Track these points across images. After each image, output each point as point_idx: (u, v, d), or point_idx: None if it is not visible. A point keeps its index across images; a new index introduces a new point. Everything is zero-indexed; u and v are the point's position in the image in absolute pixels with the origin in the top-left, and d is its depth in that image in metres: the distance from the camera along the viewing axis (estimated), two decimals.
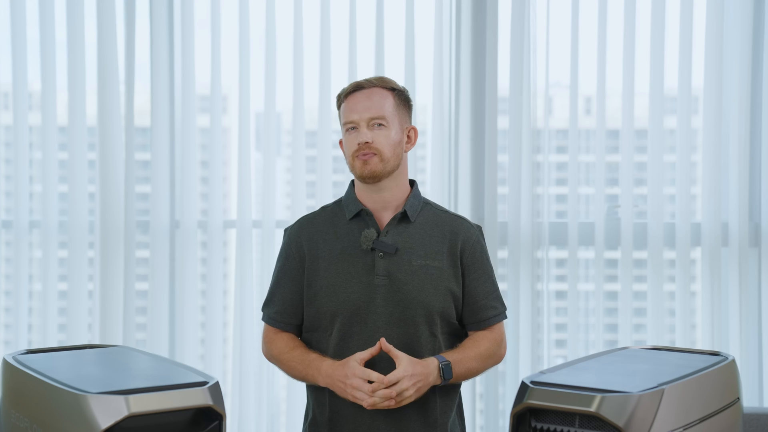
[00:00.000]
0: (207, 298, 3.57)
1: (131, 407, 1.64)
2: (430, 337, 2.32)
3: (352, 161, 2.33)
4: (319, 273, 2.34)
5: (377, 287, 2.30)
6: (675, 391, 1.70)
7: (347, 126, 2.34)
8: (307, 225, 2.41)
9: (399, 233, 2.34)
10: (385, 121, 2.31)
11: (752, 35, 3.52)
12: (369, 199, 2.37)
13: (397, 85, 2.39)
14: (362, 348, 2.28)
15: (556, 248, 3.58)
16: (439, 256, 2.34)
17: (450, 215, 2.42)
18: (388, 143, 2.31)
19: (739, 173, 3.50)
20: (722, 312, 3.50)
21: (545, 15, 3.51)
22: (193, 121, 3.54)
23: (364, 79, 2.39)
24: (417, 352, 2.30)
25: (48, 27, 3.55)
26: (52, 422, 1.69)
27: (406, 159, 2.38)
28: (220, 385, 1.78)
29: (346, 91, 2.37)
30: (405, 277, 2.31)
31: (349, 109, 2.34)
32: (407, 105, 2.40)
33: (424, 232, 2.36)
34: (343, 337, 2.31)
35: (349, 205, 2.38)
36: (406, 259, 2.32)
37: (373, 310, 2.30)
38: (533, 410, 1.73)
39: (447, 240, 2.36)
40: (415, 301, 2.30)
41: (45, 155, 3.55)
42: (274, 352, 2.41)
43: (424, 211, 2.40)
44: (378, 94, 2.34)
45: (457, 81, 3.52)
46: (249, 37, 3.53)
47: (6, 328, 3.72)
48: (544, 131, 3.52)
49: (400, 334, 2.30)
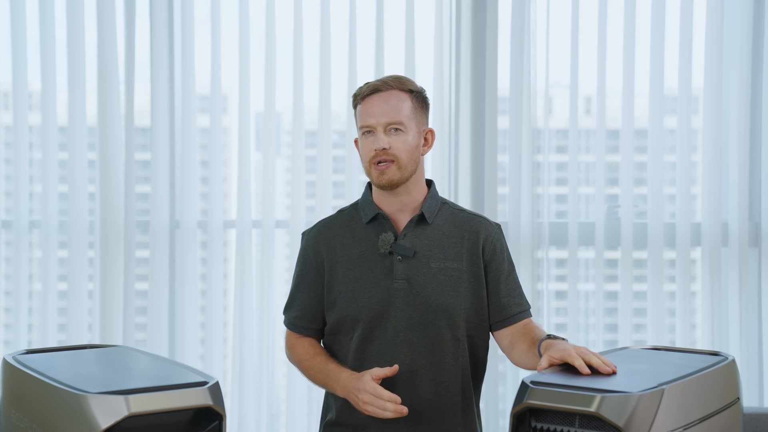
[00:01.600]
0: (207, 298, 3.58)
1: (131, 407, 1.64)
2: (452, 339, 2.29)
3: (368, 168, 2.29)
4: (338, 278, 2.32)
5: (396, 291, 2.28)
6: (675, 391, 1.69)
7: (363, 129, 2.29)
8: (324, 229, 2.38)
9: (417, 236, 2.31)
10: (402, 126, 2.27)
11: (752, 35, 3.52)
12: (386, 203, 2.34)
13: (415, 86, 2.33)
14: (383, 352, 2.27)
15: (556, 248, 3.58)
16: (458, 256, 2.31)
17: (468, 214, 2.39)
18: (405, 149, 2.26)
19: (739, 173, 3.50)
20: (722, 312, 3.50)
21: (545, 15, 3.51)
22: (193, 121, 3.54)
23: (381, 80, 2.32)
24: (439, 354, 2.28)
25: (48, 27, 3.55)
26: (52, 422, 1.69)
27: (423, 161, 2.35)
28: (220, 385, 1.77)
29: (363, 93, 2.31)
30: (424, 281, 2.28)
31: (365, 113, 2.29)
32: (425, 106, 2.35)
33: (442, 234, 2.33)
34: (364, 342, 2.29)
35: (366, 209, 2.35)
36: (425, 262, 2.29)
37: (393, 315, 2.28)
38: (533, 410, 1.73)
39: (466, 240, 2.33)
40: (435, 304, 2.28)
41: (45, 155, 3.55)
42: (296, 358, 2.40)
43: (442, 211, 2.37)
44: (395, 98, 2.28)
45: (457, 81, 3.52)
46: (249, 37, 3.53)
47: (6, 328, 3.72)
48: (544, 131, 3.52)
49: (421, 338, 2.28)
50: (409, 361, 2.27)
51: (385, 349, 2.28)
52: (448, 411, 2.30)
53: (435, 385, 2.29)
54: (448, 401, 2.29)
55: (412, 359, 2.28)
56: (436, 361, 2.29)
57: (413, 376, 2.27)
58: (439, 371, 2.29)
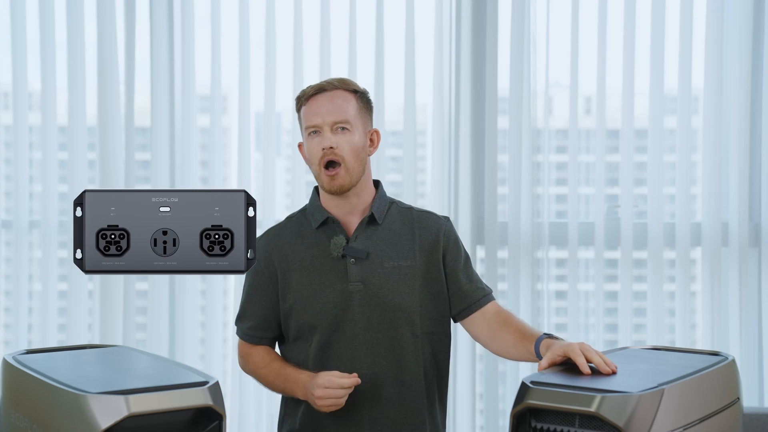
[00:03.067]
0: (207, 298, 3.58)
1: (131, 407, 1.64)
2: (411, 337, 2.30)
3: (318, 171, 2.28)
4: (292, 285, 2.31)
5: (352, 294, 2.28)
6: (675, 391, 1.70)
7: (309, 130, 2.29)
8: (274, 237, 2.37)
9: (368, 237, 2.31)
10: (348, 125, 2.27)
11: (752, 35, 3.52)
12: (335, 206, 2.33)
13: (359, 87, 2.35)
14: (342, 356, 2.27)
15: (556, 248, 3.58)
16: (411, 254, 2.32)
17: (416, 211, 2.40)
18: (351, 149, 2.27)
19: (739, 173, 3.50)
20: (722, 312, 3.50)
21: (545, 15, 3.51)
22: (193, 121, 3.54)
23: (326, 81, 2.34)
24: (400, 354, 2.29)
25: (48, 27, 3.55)
26: (52, 422, 1.69)
27: (369, 163, 2.35)
28: (220, 385, 1.77)
29: (307, 93, 2.31)
30: (379, 281, 2.28)
31: (311, 113, 2.29)
32: (369, 107, 2.36)
33: (393, 233, 2.33)
34: (323, 347, 2.29)
35: (315, 214, 2.34)
36: (378, 263, 2.29)
37: (350, 318, 2.28)
38: (533, 410, 1.73)
39: (417, 236, 2.34)
40: (392, 304, 2.28)
41: (45, 155, 3.55)
42: (251, 366, 2.39)
43: (391, 210, 2.37)
44: (341, 97, 2.29)
45: (457, 81, 3.52)
46: (249, 37, 3.53)
47: (6, 328, 3.72)
48: (544, 131, 3.52)
49: (380, 338, 2.28)
50: (371, 363, 2.27)
51: (345, 353, 2.28)
52: (412, 411, 2.30)
53: (398, 384, 2.29)
54: (412, 401, 2.29)
55: (373, 361, 2.28)
56: (397, 361, 2.29)
57: (375, 378, 2.27)
58: (401, 371, 2.29)
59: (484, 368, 3.51)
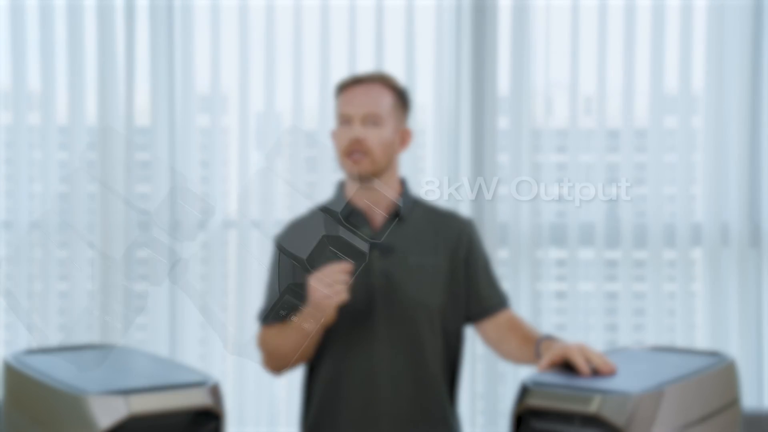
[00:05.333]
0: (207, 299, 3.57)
1: (131, 407, 1.64)
2: (431, 335, 2.29)
3: (342, 159, 2.29)
4: None
5: (376, 288, 2.28)
6: (675, 391, 1.70)
7: (341, 118, 2.29)
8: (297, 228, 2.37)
9: (393, 232, 2.31)
10: (380, 120, 2.26)
11: (752, 35, 3.52)
12: (360, 199, 2.34)
13: (398, 84, 2.34)
14: (362, 350, 2.26)
15: (556, 248, 3.58)
16: (435, 252, 2.32)
17: (441, 211, 2.40)
18: (379, 143, 2.26)
19: (739, 173, 3.50)
20: (722, 312, 3.50)
21: (545, 15, 3.51)
22: (193, 121, 3.54)
23: (366, 73, 2.34)
24: (419, 351, 2.28)
25: (48, 27, 3.55)
26: (52, 422, 1.69)
27: (397, 160, 2.35)
28: (220, 386, 1.78)
29: (345, 82, 2.32)
30: (402, 277, 2.28)
31: (345, 102, 2.29)
32: (406, 106, 2.36)
33: (418, 230, 2.33)
34: (343, 340, 2.28)
35: (339, 207, 2.33)
36: (403, 258, 2.29)
37: (372, 312, 2.27)
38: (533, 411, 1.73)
39: (441, 236, 2.34)
40: (414, 301, 2.28)
41: (45, 155, 3.55)
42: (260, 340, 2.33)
43: (416, 209, 2.38)
44: (377, 91, 2.29)
45: (457, 81, 3.52)
46: (249, 37, 3.53)
47: (6, 328, 3.72)
48: (544, 131, 3.52)
49: (401, 334, 2.27)
50: (390, 359, 2.26)
51: (365, 347, 2.27)
52: (429, 408, 2.29)
53: (417, 381, 2.28)
54: (429, 398, 2.29)
55: (393, 356, 2.27)
56: (416, 358, 2.28)
57: (395, 374, 2.27)
58: (419, 368, 2.28)
59: (484, 369, 3.51)
